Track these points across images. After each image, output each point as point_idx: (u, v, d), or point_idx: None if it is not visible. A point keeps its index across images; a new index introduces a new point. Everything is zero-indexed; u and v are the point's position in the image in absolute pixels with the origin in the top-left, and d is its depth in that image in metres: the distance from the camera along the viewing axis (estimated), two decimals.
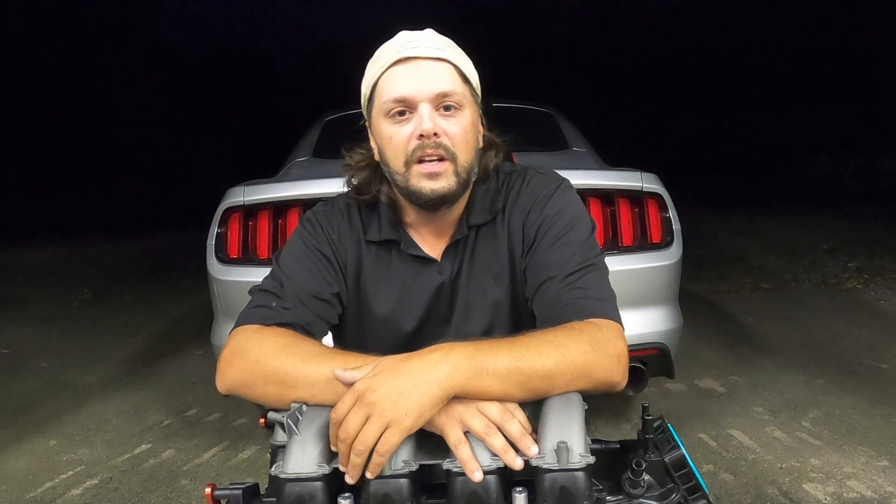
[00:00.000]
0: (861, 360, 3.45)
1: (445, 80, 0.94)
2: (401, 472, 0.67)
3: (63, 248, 9.74)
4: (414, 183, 0.95)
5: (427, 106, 0.92)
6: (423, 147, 0.92)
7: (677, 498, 0.72)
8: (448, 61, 0.95)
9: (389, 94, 0.93)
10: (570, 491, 0.65)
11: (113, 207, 14.05)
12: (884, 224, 7.48)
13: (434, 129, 0.92)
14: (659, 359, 2.32)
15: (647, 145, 15.14)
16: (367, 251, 1.06)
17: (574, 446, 0.67)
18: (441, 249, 1.05)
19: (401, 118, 0.94)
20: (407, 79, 0.93)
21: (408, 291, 1.05)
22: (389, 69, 0.94)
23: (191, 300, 5.57)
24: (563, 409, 0.72)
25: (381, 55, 0.96)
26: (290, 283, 0.98)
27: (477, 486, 0.66)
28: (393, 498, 0.67)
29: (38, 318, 5.31)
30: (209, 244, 2.34)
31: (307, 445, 0.70)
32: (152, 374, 3.76)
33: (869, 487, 2.15)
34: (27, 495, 2.36)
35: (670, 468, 0.73)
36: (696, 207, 9.24)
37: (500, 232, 1.05)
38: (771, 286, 5.40)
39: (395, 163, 0.96)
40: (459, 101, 0.95)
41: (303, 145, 3.11)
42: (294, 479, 0.68)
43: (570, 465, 0.65)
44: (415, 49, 0.93)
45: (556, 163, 2.64)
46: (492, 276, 1.04)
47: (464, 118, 0.95)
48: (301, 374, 0.81)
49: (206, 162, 17.85)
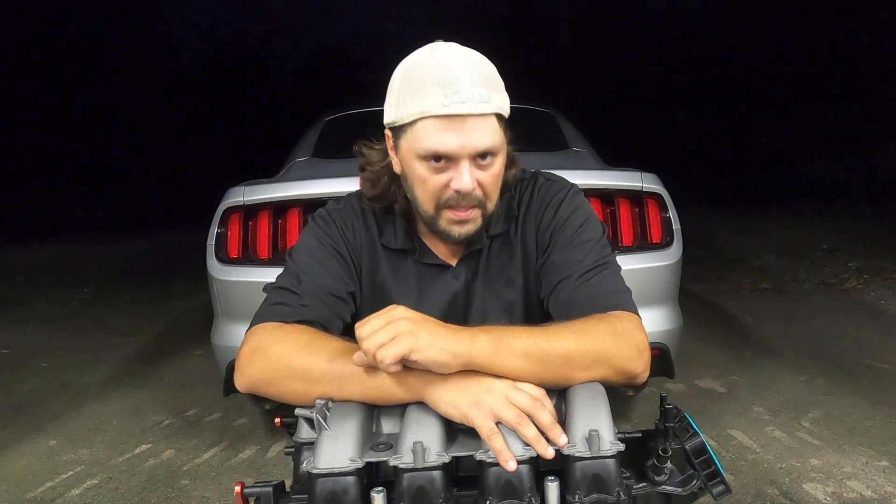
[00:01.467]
0: (861, 360, 3.45)
1: (488, 136, 0.90)
2: (434, 465, 0.67)
3: (63, 248, 9.74)
4: (443, 225, 0.96)
5: (467, 164, 0.91)
6: (458, 200, 0.93)
7: (698, 484, 0.74)
8: (492, 114, 0.91)
9: (429, 144, 0.90)
10: (601, 478, 0.66)
11: (113, 207, 14.05)
12: (884, 224, 7.48)
13: (473, 187, 0.92)
14: (659, 359, 2.32)
15: (647, 145, 15.13)
16: (382, 253, 1.07)
17: (604, 434, 0.68)
18: (457, 257, 1.06)
19: (437, 165, 0.92)
20: (450, 136, 0.88)
21: (424, 295, 1.05)
22: (431, 119, 0.89)
23: (191, 300, 5.57)
24: (590, 399, 0.74)
25: (423, 92, 0.89)
26: (308, 280, 0.98)
27: (510, 475, 0.67)
28: (427, 490, 0.67)
29: (38, 318, 5.31)
30: (209, 244, 2.34)
31: (338, 440, 0.70)
32: (152, 374, 3.76)
33: (869, 487, 2.15)
34: (27, 495, 2.36)
35: (690, 455, 0.75)
36: (696, 207, 9.24)
37: (513, 238, 1.06)
38: (771, 286, 5.40)
39: (425, 203, 0.96)
40: (497, 151, 0.93)
41: (303, 145, 3.11)
42: (327, 475, 0.67)
43: (602, 452, 0.67)
44: (462, 105, 0.87)
45: (556, 163, 2.64)
46: (506, 281, 1.06)
47: (497, 163, 0.95)
48: (327, 369, 0.81)
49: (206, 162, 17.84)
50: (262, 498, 0.74)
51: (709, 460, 0.74)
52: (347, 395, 0.79)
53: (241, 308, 2.25)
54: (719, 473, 0.74)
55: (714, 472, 0.74)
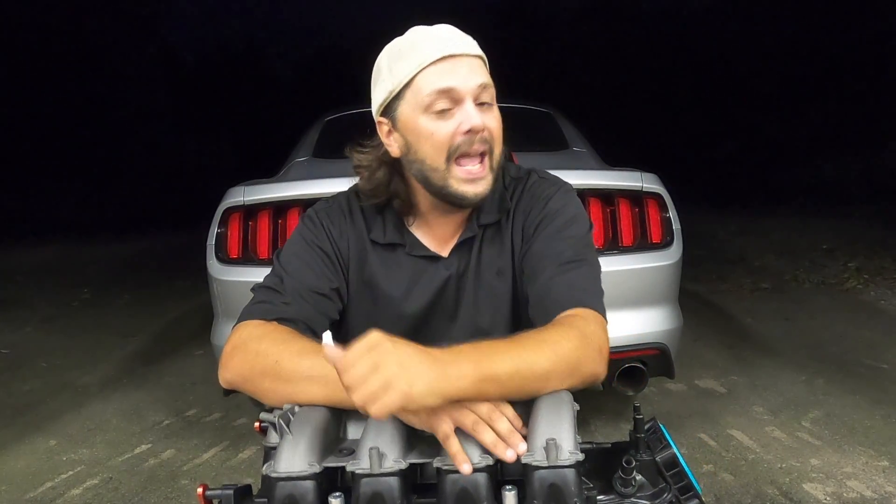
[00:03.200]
0: (861, 360, 3.45)
1: (483, 74, 0.96)
2: (391, 471, 0.67)
3: (63, 248, 9.74)
4: (454, 186, 0.96)
5: (471, 102, 0.94)
6: (471, 143, 0.94)
7: (669, 497, 0.72)
8: (482, 58, 0.98)
9: (433, 86, 0.93)
10: (559, 488, 0.65)
11: (113, 207, 14.07)
12: (884, 224, 7.48)
13: (483, 124, 0.94)
14: (659, 359, 2.32)
15: (647, 145, 15.13)
16: (371, 248, 1.08)
17: (563, 444, 0.66)
18: (449, 247, 1.07)
19: (443, 114, 0.94)
20: (451, 73, 0.93)
21: (414, 286, 1.06)
22: (430, 66, 0.93)
23: (191, 300, 5.57)
24: (553, 408, 0.72)
25: (414, 51, 0.94)
26: (290, 279, 0.99)
27: (467, 483, 0.66)
28: (384, 496, 0.66)
29: (38, 318, 5.31)
30: (209, 244, 2.34)
31: (299, 445, 0.70)
32: (152, 374, 3.76)
33: (869, 487, 2.15)
34: (27, 495, 2.36)
35: (662, 468, 0.73)
36: (696, 207, 9.25)
37: (505, 231, 1.07)
38: (771, 286, 5.41)
39: (436, 159, 0.96)
40: (493, 96, 0.97)
41: (303, 145, 3.11)
42: (285, 479, 0.68)
43: (560, 462, 0.65)
44: (457, 47, 0.94)
45: (556, 163, 2.64)
46: (497, 272, 1.07)
47: (496, 112, 0.98)
48: (296, 368, 0.81)
49: (206, 162, 17.86)
50: (223, 501, 0.74)
51: (681, 473, 0.73)
52: (313, 397, 0.79)
53: (241, 308, 2.25)
54: (693, 487, 0.72)
55: (687, 485, 0.72)
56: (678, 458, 0.73)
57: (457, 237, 1.06)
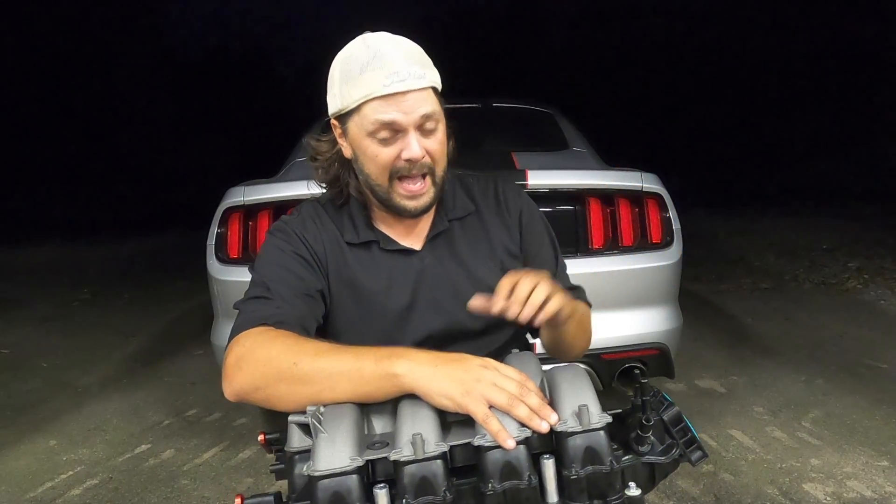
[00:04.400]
0: (861, 360, 3.45)
1: (429, 104, 0.99)
2: (433, 455, 0.68)
3: (63, 248, 9.74)
4: (396, 200, 1.03)
5: (414, 133, 0.98)
6: (410, 169, 1.00)
7: (678, 451, 0.78)
8: (428, 87, 1.00)
9: (378, 117, 0.97)
10: (594, 450, 0.70)
11: (113, 207, 14.06)
12: (884, 224, 7.47)
13: (422, 154, 0.99)
14: (659, 359, 2.32)
15: (647, 145, 15.13)
16: (347, 249, 1.10)
17: (592, 408, 0.71)
18: (421, 241, 1.11)
19: (386, 138, 0.99)
20: (395, 108, 0.96)
21: (394, 281, 1.09)
22: (375, 100, 0.96)
23: (191, 300, 5.57)
24: (574, 378, 0.77)
25: (363, 78, 0.96)
26: (277, 285, 0.99)
27: (509, 457, 0.69)
28: (429, 480, 0.67)
29: (38, 318, 5.31)
30: (209, 244, 2.34)
31: (336, 441, 0.70)
32: (152, 374, 3.76)
33: (869, 487, 2.15)
34: (27, 495, 2.36)
35: (668, 425, 0.78)
36: (697, 207, 9.25)
37: (475, 223, 1.15)
38: (771, 286, 5.41)
39: (379, 177, 1.02)
40: (437, 120, 1.01)
41: (303, 145, 3.11)
42: (328, 476, 0.67)
43: (592, 425, 0.70)
44: (402, 83, 0.96)
45: (556, 163, 2.64)
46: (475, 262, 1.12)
47: (440, 132, 1.02)
48: (316, 368, 0.81)
49: (206, 162, 17.85)
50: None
51: (685, 428, 0.78)
52: (339, 394, 0.79)
53: None
54: (696, 440, 0.78)
55: (691, 439, 0.78)
56: (682, 415, 0.79)
57: (427, 231, 1.11)
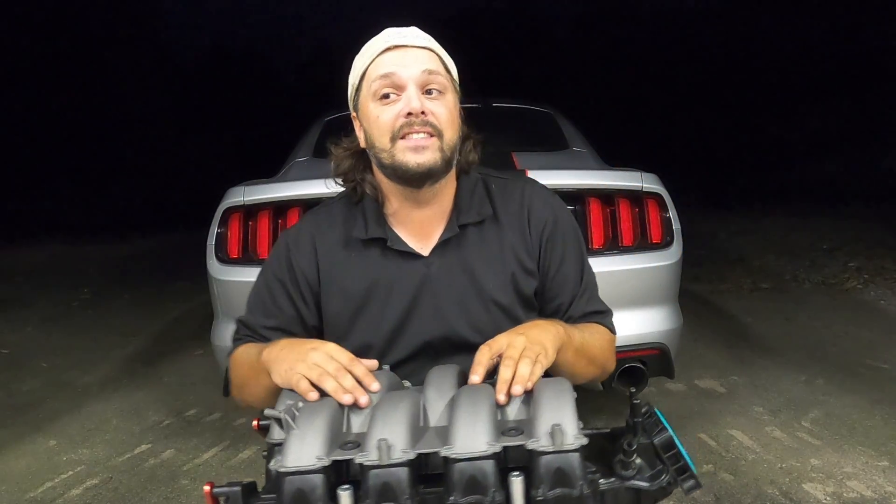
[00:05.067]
0: (861, 360, 3.45)
1: (431, 62, 1.01)
2: (399, 461, 0.67)
3: (63, 248, 9.73)
4: (399, 157, 0.98)
5: (414, 87, 0.98)
6: (411, 124, 0.97)
7: (667, 478, 0.74)
8: (432, 50, 1.03)
9: (377, 73, 0.99)
10: (565, 472, 0.66)
11: (113, 207, 14.05)
12: (884, 224, 7.47)
13: (421, 107, 0.97)
14: (659, 359, 2.32)
15: (647, 145, 15.12)
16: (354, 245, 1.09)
17: (567, 429, 0.68)
18: (430, 246, 1.08)
19: (387, 100, 0.99)
20: (395, 61, 0.99)
21: (396, 280, 1.07)
22: (378, 57, 1.00)
23: (191, 300, 5.57)
24: (555, 395, 0.74)
25: (369, 47, 1.03)
26: (252, 318, 1.14)
27: (474, 470, 0.67)
28: (392, 487, 0.66)
29: (38, 318, 5.31)
30: (209, 244, 2.34)
31: (306, 439, 0.70)
32: (152, 374, 3.76)
33: (869, 487, 2.15)
34: (27, 495, 2.36)
35: (659, 450, 0.75)
36: (696, 207, 9.24)
37: (489, 231, 1.09)
38: (771, 286, 5.40)
39: (382, 140, 1.00)
40: (443, 85, 1.01)
41: (303, 145, 3.11)
42: (294, 473, 0.67)
43: (565, 446, 0.66)
44: (402, 38, 1.01)
45: (557, 163, 2.64)
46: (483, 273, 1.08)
47: (447, 101, 1.02)
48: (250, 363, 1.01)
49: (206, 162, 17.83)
50: (231, 498, 0.74)
51: (678, 455, 0.75)
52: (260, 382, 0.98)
53: (241, 308, 2.24)
54: (689, 468, 0.74)
55: (683, 466, 0.74)
56: (674, 440, 0.75)
57: (437, 237, 1.08)
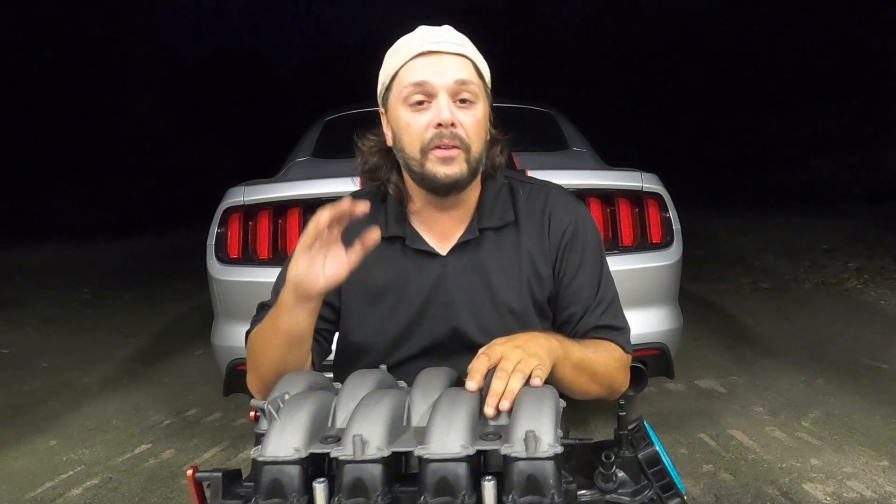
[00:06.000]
0: (861, 360, 3.45)
1: (464, 71, 0.99)
2: (372, 458, 0.67)
3: (63, 248, 9.73)
4: (429, 168, 0.99)
5: (445, 97, 0.97)
6: (441, 136, 0.97)
7: (650, 494, 0.73)
8: (467, 57, 1.00)
9: (410, 79, 0.98)
10: (537, 480, 0.65)
11: (113, 207, 14.04)
12: (884, 224, 7.47)
13: (452, 119, 0.96)
14: (659, 359, 2.32)
15: (647, 145, 15.12)
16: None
17: (543, 436, 0.67)
18: (448, 246, 1.08)
19: (419, 107, 0.98)
20: (428, 68, 0.97)
21: (411, 281, 1.07)
22: (411, 60, 0.98)
23: (191, 300, 5.57)
24: (535, 401, 0.73)
25: (403, 47, 1.01)
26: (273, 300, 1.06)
27: (447, 473, 0.67)
28: (364, 483, 0.67)
29: (38, 318, 5.31)
30: (209, 244, 2.34)
31: (286, 431, 0.71)
32: (152, 374, 3.76)
33: (869, 487, 2.15)
34: (27, 495, 2.36)
35: (643, 465, 0.74)
36: (697, 207, 9.24)
37: (509, 237, 1.09)
38: (771, 286, 5.41)
39: (411, 149, 1.00)
40: (475, 94, 1.00)
41: (303, 145, 3.11)
42: (271, 463, 0.68)
43: (538, 454, 0.66)
44: (437, 44, 0.98)
45: (556, 163, 2.64)
46: (500, 277, 1.07)
47: (477, 111, 1.00)
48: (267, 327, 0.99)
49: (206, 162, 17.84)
50: (212, 483, 0.75)
51: (664, 471, 0.73)
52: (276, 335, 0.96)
53: (241, 308, 2.25)
54: (674, 485, 0.73)
55: (669, 483, 0.73)
56: (661, 455, 0.73)
57: (457, 238, 1.08)
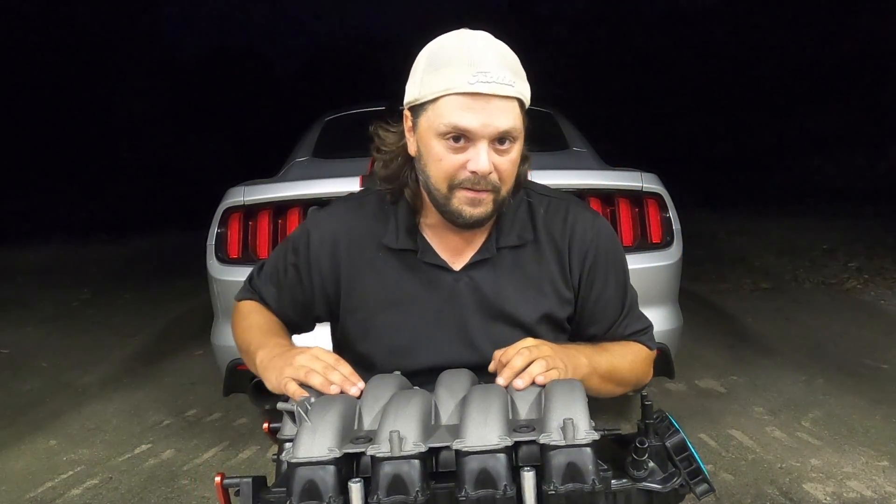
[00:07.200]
0: (861, 360, 3.45)
1: (510, 118, 0.92)
2: (410, 454, 0.67)
3: (63, 248, 9.73)
4: (455, 206, 0.95)
5: (486, 146, 0.91)
6: (473, 182, 0.92)
7: (679, 481, 0.74)
8: (516, 98, 0.93)
9: (451, 119, 0.90)
10: (577, 467, 0.66)
11: (113, 207, 14.03)
12: (884, 224, 7.47)
13: (489, 169, 0.91)
14: (659, 359, 2.29)
15: (647, 145, 15.12)
16: (382, 253, 1.05)
17: (579, 423, 0.68)
18: (462, 262, 1.04)
19: (455, 144, 0.92)
20: (473, 113, 0.89)
21: (422, 295, 1.04)
22: (457, 96, 0.89)
23: (191, 300, 5.56)
24: (567, 392, 0.75)
25: (447, 65, 0.90)
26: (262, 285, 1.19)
27: (487, 465, 0.67)
28: (403, 479, 0.66)
29: (38, 318, 5.31)
30: (209, 244, 2.34)
31: (317, 431, 0.70)
32: (152, 374, 3.76)
33: (869, 487, 2.15)
34: (27, 495, 2.36)
35: (671, 452, 0.75)
36: (696, 207, 9.24)
37: (527, 255, 1.05)
38: (771, 286, 5.40)
39: (438, 181, 0.95)
40: (515, 137, 0.94)
41: (303, 145, 3.11)
42: (305, 464, 0.67)
43: (577, 440, 0.66)
44: (488, 85, 0.88)
45: (557, 163, 2.64)
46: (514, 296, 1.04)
47: (514, 151, 0.95)
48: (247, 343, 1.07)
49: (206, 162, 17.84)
50: (241, 489, 0.74)
51: (690, 458, 0.75)
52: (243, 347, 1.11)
53: None
54: (701, 472, 0.74)
55: (696, 469, 0.74)
56: (687, 442, 0.75)
57: (471, 254, 1.04)
